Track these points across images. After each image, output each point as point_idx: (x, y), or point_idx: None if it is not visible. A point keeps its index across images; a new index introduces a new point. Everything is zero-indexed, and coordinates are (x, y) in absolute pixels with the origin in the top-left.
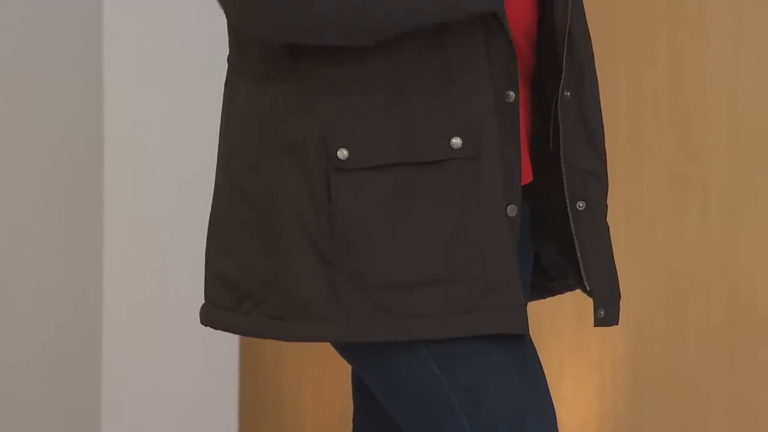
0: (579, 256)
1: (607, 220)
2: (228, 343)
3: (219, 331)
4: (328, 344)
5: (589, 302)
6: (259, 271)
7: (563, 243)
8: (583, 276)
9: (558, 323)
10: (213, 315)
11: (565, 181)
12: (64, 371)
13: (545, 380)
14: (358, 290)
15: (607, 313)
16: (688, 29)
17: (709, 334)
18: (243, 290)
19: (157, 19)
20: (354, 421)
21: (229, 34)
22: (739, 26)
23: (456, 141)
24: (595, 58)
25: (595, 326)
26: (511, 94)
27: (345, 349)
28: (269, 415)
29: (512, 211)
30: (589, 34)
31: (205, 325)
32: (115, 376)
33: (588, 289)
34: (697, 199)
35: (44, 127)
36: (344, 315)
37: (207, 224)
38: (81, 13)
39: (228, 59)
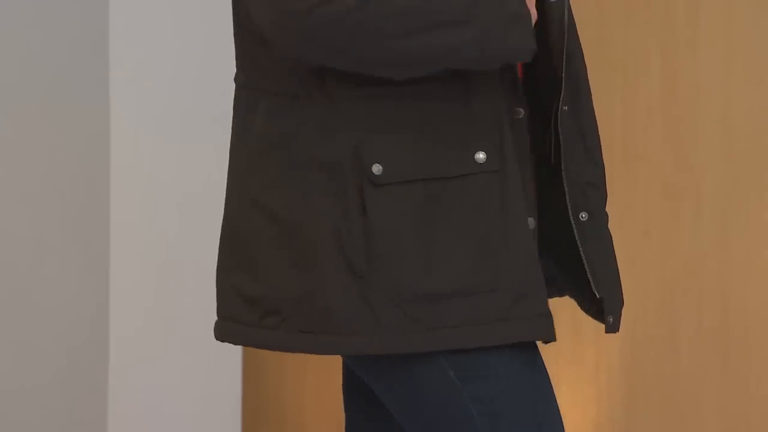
0: (586, 265)
1: None
2: (231, 354)
3: (222, 343)
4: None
5: (584, 313)
6: (287, 286)
7: (564, 253)
8: (592, 284)
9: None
10: (231, 330)
11: (567, 192)
12: (70, 375)
13: (552, 388)
14: (391, 302)
15: (614, 320)
16: (680, 42)
17: (702, 342)
18: (268, 305)
19: (163, 29)
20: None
21: (241, 56)
22: (730, 39)
23: (480, 156)
24: (590, 70)
25: (606, 333)
26: (520, 110)
27: (364, 361)
28: (271, 424)
29: (531, 224)
30: (581, 48)
31: (222, 341)
32: (121, 387)
33: (598, 296)
34: (689, 208)
35: (50, 142)
36: (377, 327)
37: (213, 241)
38: (88, 32)
39: (236, 79)
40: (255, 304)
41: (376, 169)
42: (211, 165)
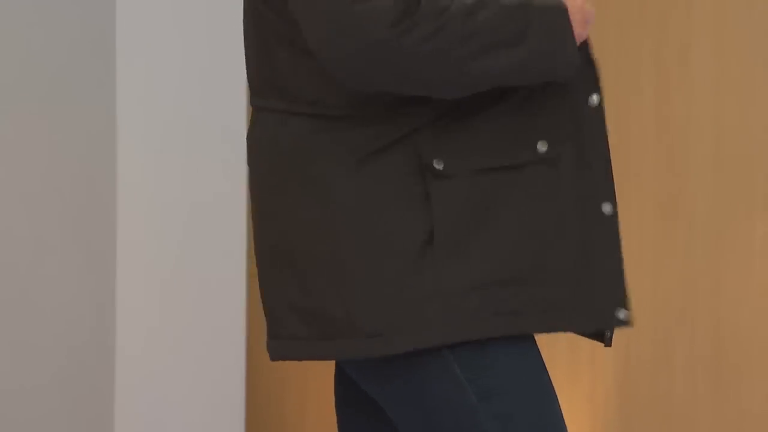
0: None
1: None
2: (234, 361)
3: (225, 358)
4: (331, 367)
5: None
6: (355, 294)
7: None
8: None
9: (552, 355)
10: (293, 347)
11: None
12: (72, 376)
13: (552, 385)
14: (458, 294)
15: (611, 334)
16: (673, 64)
17: (695, 365)
18: (328, 316)
19: (171, 28)
20: None
21: (269, 80)
22: (722, 61)
23: (541, 145)
24: None
25: (605, 347)
26: (595, 97)
27: (372, 364)
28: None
29: (608, 209)
30: None
31: (281, 360)
32: (125, 404)
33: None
34: (682, 230)
35: (56, 151)
36: (445, 321)
37: (219, 244)
38: (94, 37)
39: (256, 102)
40: (316, 317)
41: (438, 164)
42: (217, 166)
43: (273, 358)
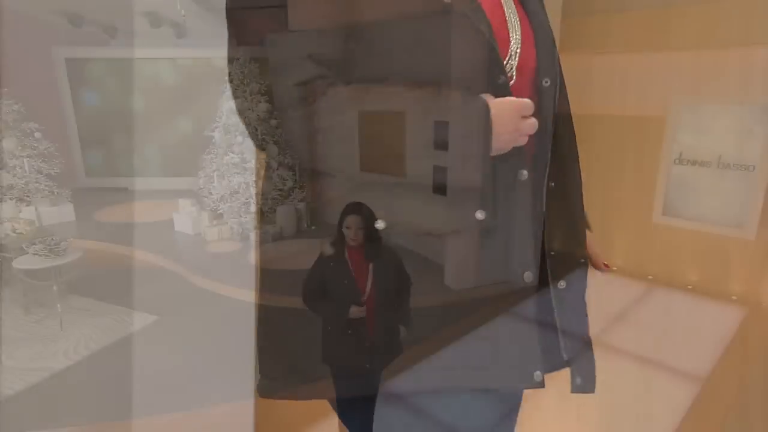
0: (558, 330)
1: None
2: (244, 413)
3: (233, 408)
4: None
5: (565, 379)
6: (323, 346)
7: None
8: (561, 347)
9: (538, 397)
10: (270, 388)
11: (548, 261)
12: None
13: None
14: (416, 341)
15: (583, 381)
16: (652, 138)
17: (677, 412)
18: (300, 363)
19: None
20: None
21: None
22: (698, 128)
23: (479, 214)
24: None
25: (572, 392)
26: (524, 173)
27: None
28: None
29: (528, 277)
30: (573, 132)
31: (268, 397)
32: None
33: (566, 358)
34: (663, 287)
35: None
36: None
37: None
38: None
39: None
40: (289, 363)
41: (379, 224)
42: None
43: (264, 396)
